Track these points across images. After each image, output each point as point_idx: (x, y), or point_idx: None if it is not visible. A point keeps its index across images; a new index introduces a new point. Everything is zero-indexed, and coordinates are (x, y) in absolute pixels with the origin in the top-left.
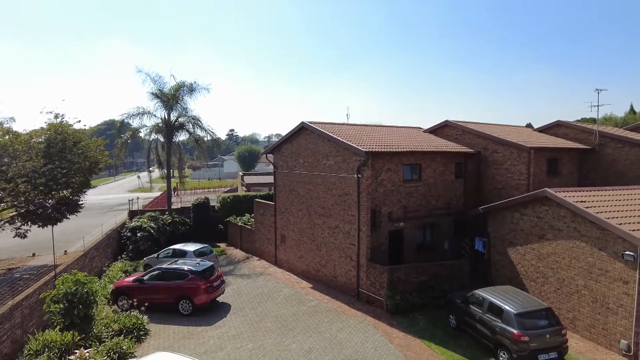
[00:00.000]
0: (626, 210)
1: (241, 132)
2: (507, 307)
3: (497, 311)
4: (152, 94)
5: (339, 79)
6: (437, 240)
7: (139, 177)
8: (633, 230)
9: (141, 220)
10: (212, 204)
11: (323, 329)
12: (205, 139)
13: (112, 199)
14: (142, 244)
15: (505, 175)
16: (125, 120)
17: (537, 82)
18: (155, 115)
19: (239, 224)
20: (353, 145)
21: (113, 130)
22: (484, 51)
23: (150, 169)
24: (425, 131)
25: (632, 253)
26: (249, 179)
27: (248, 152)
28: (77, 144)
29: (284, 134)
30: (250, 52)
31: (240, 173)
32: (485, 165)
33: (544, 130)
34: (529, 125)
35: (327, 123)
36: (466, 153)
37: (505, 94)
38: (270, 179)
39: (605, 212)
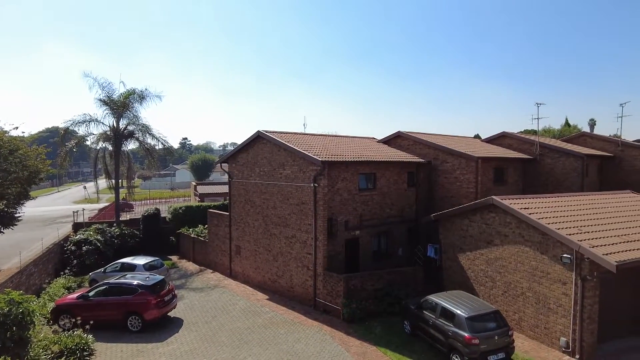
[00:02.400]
0: (564, 216)
1: (195, 141)
2: (459, 312)
3: (449, 316)
4: (101, 100)
5: (296, 89)
6: (392, 248)
7: (85, 187)
8: (570, 235)
9: (87, 233)
10: (163, 215)
11: (279, 341)
12: (157, 147)
13: (55, 211)
14: (88, 258)
15: (455, 184)
16: (70, 128)
17: (485, 95)
18: (103, 123)
19: (192, 235)
20: (309, 154)
21: (56, 138)
22: (436, 68)
23: (111, 180)
24: (379, 141)
25: (569, 256)
26: (202, 189)
27: (202, 161)
28: (14, 152)
29: (239, 142)
30: (206, 60)
31: (194, 183)
32: (436, 174)
33: (491, 140)
34: (476, 136)
35: (284, 132)
36: (418, 163)
37: (455, 107)
38: (225, 189)
39: (546, 218)
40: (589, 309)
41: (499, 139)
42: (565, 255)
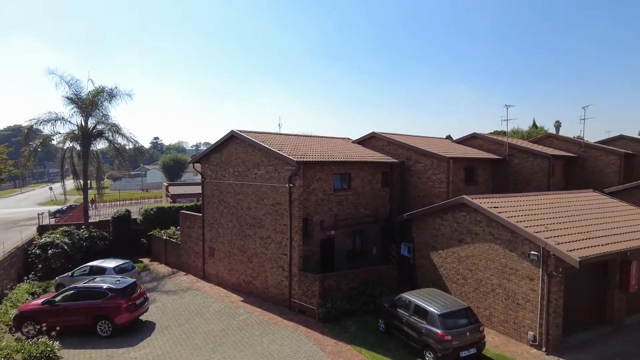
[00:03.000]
0: (531, 215)
1: (167, 141)
2: (431, 309)
3: (422, 313)
4: (68, 98)
5: (271, 90)
6: (366, 247)
7: (51, 188)
8: (537, 232)
9: (53, 235)
10: (134, 217)
11: (254, 342)
12: (127, 147)
13: (18, 213)
14: (54, 262)
15: (427, 184)
16: (35, 127)
17: (457, 97)
18: (70, 122)
19: (164, 237)
20: (284, 154)
21: (19, 137)
22: (410, 70)
23: (79, 181)
24: (354, 142)
25: (536, 253)
26: (174, 190)
27: (174, 161)
28: None
29: (213, 142)
30: (179, 59)
31: (165, 183)
32: (409, 174)
33: (462, 141)
34: (448, 137)
35: (258, 132)
36: (392, 163)
37: (428, 108)
38: (198, 190)
39: (515, 216)
40: (554, 304)
41: (470, 140)
42: (532, 252)
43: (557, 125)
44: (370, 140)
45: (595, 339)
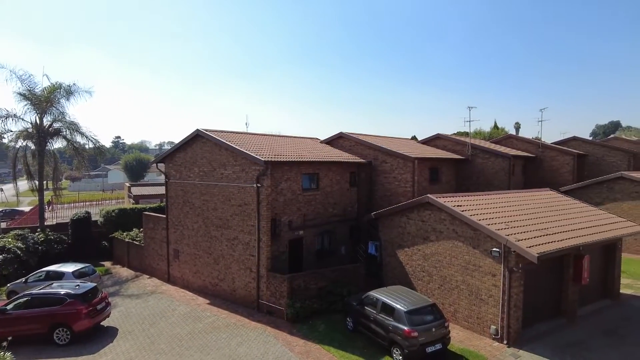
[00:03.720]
0: (493, 213)
1: (129, 140)
2: (398, 306)
3: (389, 310)
4: (20, 94)
5: (238, 89)
6: (335, 246)
7: (1, 190)
8: (499, 230)
9: (5, 239)
10: (94, 219)
11: (222, 345)
12: (87, 146)
13: None
14: (6, 268)
15: (394, 183)
16: None
17: (422, 98)
18: (23, 119)
19: (126, 239)
20: (252, 154)
21: None
22: (378, 71)
23: (34, 181)
24: (322, 142)
25: (498, 249)
26: (137, 190)
27: (136, 161)
28: None
29: (177, 141)
30: (142, 57)
31: (127, 184)
32: (376, 174)
33: (426, 142)
34: (413, 138)
35: (225, 131)
36: (359, 163)
37: (394, 109)
38: (161, 190)
39: (477, 214)
40: (515, 298)
41: (434, 141)
42: (494, 249)
43: (517, 127)
44: (338, 141)
45: (551, 330)
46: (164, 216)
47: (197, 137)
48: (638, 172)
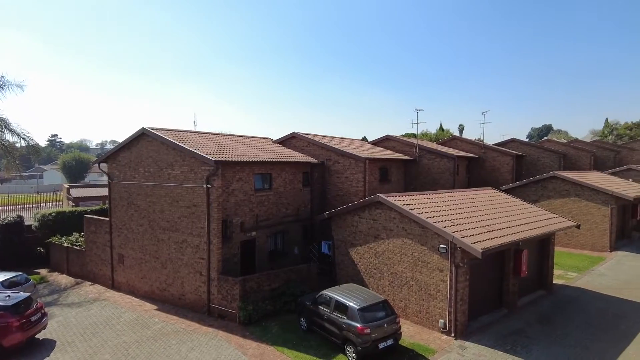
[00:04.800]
0: (439, 211)
1: (67, 138)
2: (351, 304)
3: (342, 308)
4: None
5: (186, 87)
6: (288, 247)
7: None
8: (445, 227)
9: None
10: (28, 223)
11: (171, 352)
12: (18, 145)
13: None
14: None
15: (346, 183)
16: None
17: (371, 100)
18: None
19: (65, 245)
20: (201, 153)
21: None
22: (326, 72)
23: None
24: (275, 142)
25: (445, 246)
26: (77, 192)
27: (76, 161)
28: None
29: (121, 140)
30: (82, 52)
31: (66, 185)
32: (329, 174)
33: (376, 143)
34: (364, 139)
35: (172, 130)
36: (312, 163)
37: (344, 110)
38: (104, 192)
39: (425, 212)
40: (461, 292)
41: (384, 142)
42: (441, 245)
43: (461, 129)
44: (290, 141)
45: (494, 321)
46: (107, 219)
47: (143, 136)
48: (567, 171)
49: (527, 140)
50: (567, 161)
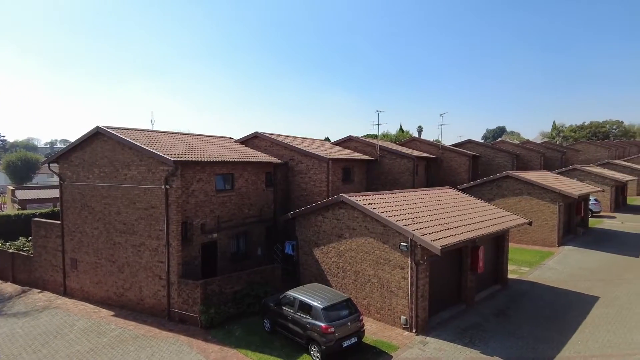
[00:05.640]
0: (400, 209)
1: (12, 137)
2: (315, 303)
3: (306, 309)
4: None
5: (142, 84)
6: (251, 248)
7: None
8: (406, 225)
9: None
10: None
11: (130, 359)
12: None
13: None
14: None
15: (309, 183)
16: None
17: (333, 101)
18: None
19: (10, 250)
20: (160, 153)
21: None
22: (287, 72)
23: None
24: (236, 141)
25: (405, 244)
26: (23, 194)
27: (22, 161)
28: None
29: (73, 139)
30: (29, 47)
31: (11, 187)
32: (292, 174)
33: (339, 143)
34: (327, 139)
35: (129, 129)
36: (275, 163)
37: (307, 110)
38: (55, 193)
39: (387, 211)
40: (421, 289)
41: (346, 142)
42: (402, 243)
43: (420, 130)
44: (253, 140)
45: (453, 316)
46: (59, 222)
47: (98, 135)
48: (520, 171)
49: (482, 141)
50: (519, 161)
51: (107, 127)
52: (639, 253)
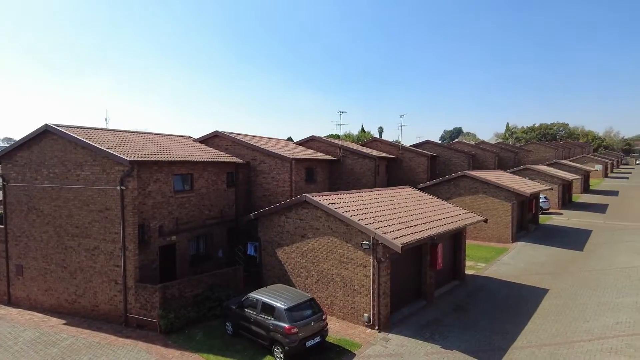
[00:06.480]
0: (362, 209)
1: None
2: (278, 304)
3: (269, 310)
4: None
5: (97, 81)
6: (212, 250)
7: None
8: (368, 224)
9: None
10: None
11: None
12: None
13: None
14: None
15: (272, 183)
16: None
17: (295, 101)
18: None
19: None
20: (115, 153)
21: None
22: (250, 71)
23: None
24: (196, 141)
25: (368, 242)
26: None
27: None
28: None
29: (18, 138)
30: None
31: None
32: (255, 174)
33: (302, 143)
34: (289, 139)
35: (81, 127)
36: (237, 163)
37: (269, 110)
38: None
39: (349, 211)
40: (383, 286)
41: (309, 142)
42: (365, 242)
43: (380, 131)
44: (213, 140)
45: (414, 312)
46: (2, 226)
47: (47, 134)
48: (476, 171)
49: (440, 141)
50: (475, 161)
51: (57, 125)
52: (583, 247)
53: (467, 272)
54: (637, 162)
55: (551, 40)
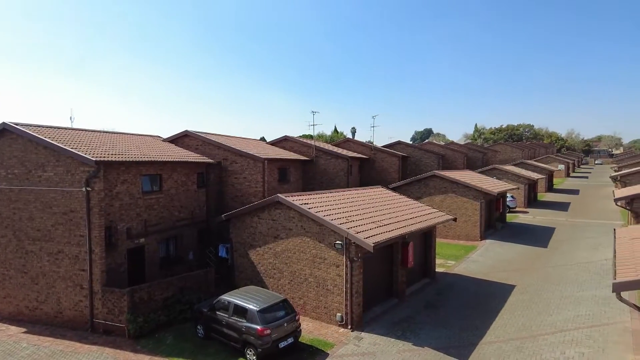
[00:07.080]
0: (335, 208)
1: None
2: (250, 306)
3: (241, 312)
4: None
5: (61, 80)
6: (182, 252)
7: None
8: (341, 224)
9: None
10: None
11: None
12: None
13: None
14: None
15: (244, 184)
16: None
17: (268, 101)
18: None
19: None
20: (80, 153)
21: None
22: (224, 70)
23: None
24: (165, 140)
25: (340, 242)
26: None
27: None
28: None
29: None
30: None
31: None
32: (226, 174)
33: (275, 143)
34: (262, 139)
35: (44, 126)
36: (208, 163)
37: (241, 109)
38: None
39: (322, 211)
40: (356, 285)
41: (282, 142)
42: (337, 242)
43: (353, 131)
44: (183, 139)
45: (386, 311)
46: None
47: (5, 133)
48: (445, 171)
49: (411, 142)
50: (445, 161)
51: (16, 124)
52: (547, 244)
53: (438, 269)
54: (596, 162)
55: (517, 45)
